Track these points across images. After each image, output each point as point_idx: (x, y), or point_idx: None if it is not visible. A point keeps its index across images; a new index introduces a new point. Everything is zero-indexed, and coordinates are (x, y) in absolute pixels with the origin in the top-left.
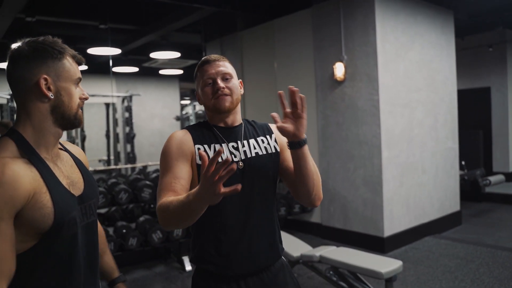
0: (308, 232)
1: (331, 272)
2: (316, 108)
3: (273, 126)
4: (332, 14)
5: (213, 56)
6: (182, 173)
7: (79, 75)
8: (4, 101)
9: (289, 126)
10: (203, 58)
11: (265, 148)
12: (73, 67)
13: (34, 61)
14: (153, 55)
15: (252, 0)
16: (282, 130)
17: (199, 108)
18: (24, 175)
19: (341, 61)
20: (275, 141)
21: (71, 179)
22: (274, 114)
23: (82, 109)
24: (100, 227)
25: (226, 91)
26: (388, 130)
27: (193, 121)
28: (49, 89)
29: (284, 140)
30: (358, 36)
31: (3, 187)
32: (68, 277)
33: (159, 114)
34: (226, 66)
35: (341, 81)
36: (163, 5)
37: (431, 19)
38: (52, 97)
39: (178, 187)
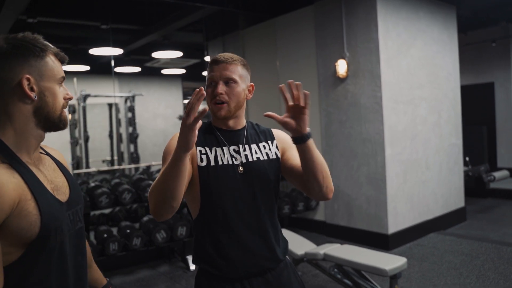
0: (312, 230)
1: (335, 270)
2: (319, 105)
3: (275, 132)
4: (334, 11)
5: (224, 56)
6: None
7: (63, 74)
8: None
9: (291, 121)
10: (215, 56)
11: (267, 153)
12: (57, 66)
13: (15, 60)
14: (155, 54)
15: None
16: (284, 125)
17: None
18: (8, 182)
19: (344, 58)
20: (276, 147)
21: (55, 183)
22: (269, 113)
23: (84, 111)
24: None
25: (223, 97)
26: (391, 127)
27: None
28: (32, 89)
29: (285, 143)
30: (360, 33)
31: None
32: (57, 286)
33: (162, 114)
34: (232, 70)
35: (344, 78)
36: (164, 5)
37: (433, 14)
38: (36, 98)
39: None
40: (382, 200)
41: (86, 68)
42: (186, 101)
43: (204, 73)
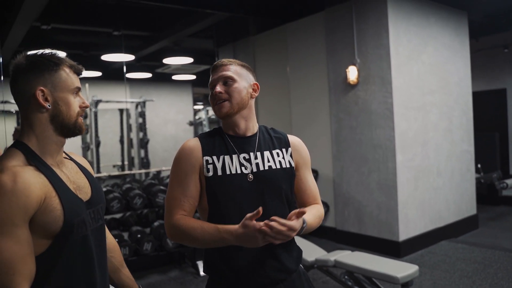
0: (322, 237)
1: (346, 277)
2: (329, 111)
3: (291, 139)
4: (344, 17)
5: (221, 61)
6: (191, 191)
7: (78, 84)
8: None
9: None
10: (214, 63)
11: (280, 162)
12: (70, 77)
13: (32, 74)
14: (166, 60)
15: (264, 4)
16: None
17: (212, 113)
18: (35, 182)
19: (354, 64)
20: (291, 155)
21: (77, 184)
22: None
23: (96, 116)
24: (113, 240)
25: (224, 95)
26: (402, 133)
27: (206, 126)
28: (46, 99)
29: (301, 157)
30: (371, 39)
31: (16, 195)
32: (84, 278)
33: (172, 120)
34: (229, 70)
35: (354, 84)
36: (175, 11)
37: (444, 20)
38: (50, 107)
39: (187, 206)
40: (393, 207)
41: (98, 74)
42: (196, 107)
43: None
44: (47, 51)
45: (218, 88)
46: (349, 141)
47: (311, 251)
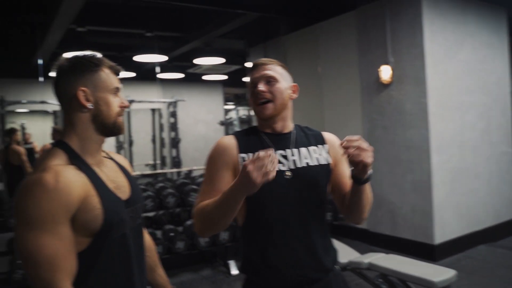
0: (354, 238)
1: (380, 280)
2: (361, 112)
3: (326, 135)
4: (377, 16)
5: (261, 60)
6: (222, 185)
7: (117, 84)
8: (57, 108)
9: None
10: (253, 62)
11: (317, 158)
12: (110, 78)
13: (73, 75)
14: (197, 61)
15: (295, 4)
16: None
17: (243, 113)
18: (76, 181)
19: (388, 63)
20: (328, 152)
21: (116, 183)
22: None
23: (128, 116)
24: (150, 240)
25: (267, 95)
26: (437, 134)
27: (237, 126)
28: (87, 100)
29: (337, 153)
30: (405, 37)
31: (58, 193)
32: (122, 275)
33: (203, 119)
34: (271, 69)
35: (388, 84)
36: (207, 12)
37: (482, 17)
38: (91, 107)
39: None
40: (428, 209)
41: (132, 74)
42: (227, 107)
43: (245, 79)
44: (87, 52)
45: (261, 87)
46: (382, 141)
47: (344, 253)
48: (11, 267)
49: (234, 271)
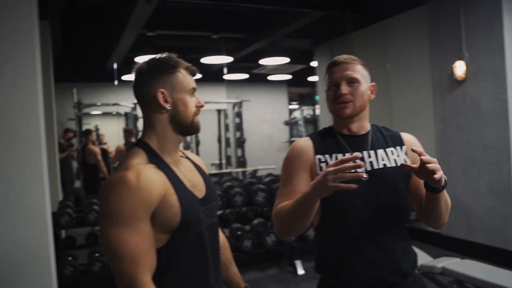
0: (426, 241)
1: (454, 286)
2: (433, 110)
3: (405, 136)
4: (450, 9)
5: (343, 58)
6: (300, 186)
7: (193, 85)
8: (129, 110)
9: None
10: (332, 59)
11: (395, 160)
12: (187, 79)
13: (152, 77)
14: (262, 61)
15: (362, 1)
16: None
17: (307, 112)
18: (156, 179)
19: (462, 59)
20: (406, 154)
21: (192, 182)
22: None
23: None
24: (224, 237)
25: (348, 97)
26: None
27: (301, 126)
28: (166, 101)
29: (417, 155)
30: (481, 31)
31: (140, 191)
32: (199, 271)
33: (268, 119)
34: (354, 70)
35: (462, 80)
36: (271, 12)
37: None
38: (170, 108)
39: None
40: (507, 213)
41: (198, 76)
42: (291, 107)
43: (310, 78)
44: (164, 54)
45: (344, 90)
46: (455, 141)
47: None
48: (90, 259)
49: (301, 271)
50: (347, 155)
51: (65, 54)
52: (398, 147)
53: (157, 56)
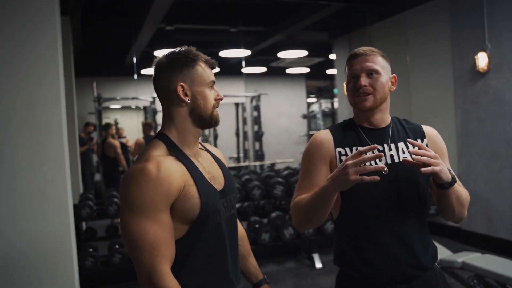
0: (445, 236)
1: (475, 281)
2: (454, 102)
3: (426, 129)
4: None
5: (362, 49)
6: (319, 179)
7: (212, 78)
8: (148, 104)
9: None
10: (352, 51)
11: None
12: (206, 72)
13: (172, 71)
14: (281, 54)
15: None
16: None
17: (326, 106)
18: (176, 171)
19: (484, 50)
20: (427, 146)
21: (212, 174)
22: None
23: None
24: (242, 229)
25: (368, 89)
26: None
27: (320, 119)
28: (185, 94)
29: (438, 147)
30: (505, 21)
31: (160, 182)
32: (217, 263)
33: (286, 113)
34: (373, 61)
35: (484, 72)
36: (290, 5)
37: None
38: (189, 101)
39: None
40: None
41: (216, 70)
42: (309, 100)
43: (328, 71)
44: (183, 48)
45: (363, 82)
46: (477, 134)
47: None
48: (110, 251)
49: (319, 264)
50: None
51: (85, 48)
52: (419, 140)
53: (177, 49)
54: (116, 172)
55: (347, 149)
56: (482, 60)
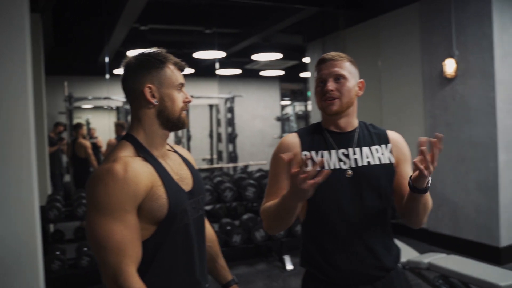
0: (413, 237)
1: (440, 281)
2: (423, 107)
3: (391, 135)
4: (441, 7)
5: (331, 55)
6: (287, 183)
7: (181, 80)
8: (120, 104)
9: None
10: (321, 56)
11: (379, 158)
12: (175, 74)
13: (140, 72)
14: (255, 57)
15: None
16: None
17: (299, 108)
18: (143, 171)
19: (452, 56)
20: (391, 151)
21: (180, 175)
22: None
23: (187, 112)
24: (212, 230)
25: (335, 93)
26: (506, 131)
27: (293, 121)
28: (153, 96)
29: (401, 153)
30: (472, 28)
31: (127, 182)
32: (184, 263)
33: (260, 115)
34: (341, 66)
35: (452, 78)
36: (265, 8)
37: None
38: (157, 103)
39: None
40: (493, 210)
41: (191, 71)
42: (283, 102)
43: (302, 75)
44: (153, 50)
45: (330, 86)
46: (444, 138)
47: (402, 252)
48: (78, 253)
49: (289, 266)
50: (325, 153)
51: (56, 47)
52: (383, 145)
53: (147, 51)
54: (86, 173)
55: (313, 153)
56: (450, 66)
